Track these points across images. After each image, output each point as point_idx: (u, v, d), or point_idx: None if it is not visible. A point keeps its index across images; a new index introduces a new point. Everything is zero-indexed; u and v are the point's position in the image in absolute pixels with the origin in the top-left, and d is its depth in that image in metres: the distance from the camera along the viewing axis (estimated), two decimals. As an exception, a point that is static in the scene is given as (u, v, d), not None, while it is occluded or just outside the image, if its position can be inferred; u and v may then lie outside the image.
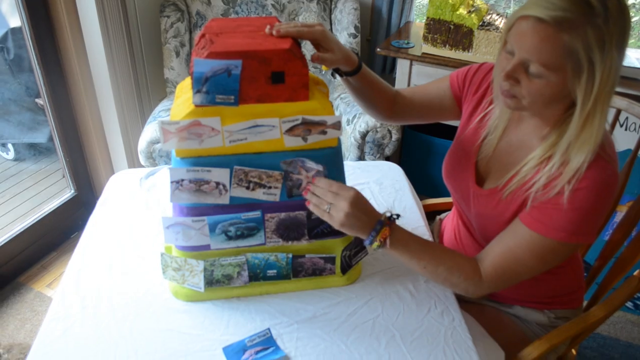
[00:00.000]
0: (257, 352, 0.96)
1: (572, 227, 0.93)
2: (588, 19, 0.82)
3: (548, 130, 0.98)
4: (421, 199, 1.48)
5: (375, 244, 0.96)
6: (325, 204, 0.95)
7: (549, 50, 0.84)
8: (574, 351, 1.31)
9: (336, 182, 0.97)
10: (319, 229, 1.04)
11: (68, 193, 2.43)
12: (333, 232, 1.05)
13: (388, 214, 0.98)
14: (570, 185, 0.91)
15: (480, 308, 1.20)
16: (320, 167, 0.98)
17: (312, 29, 0.99)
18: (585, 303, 1.30)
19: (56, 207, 2.35)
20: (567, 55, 0.84)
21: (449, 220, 1.35)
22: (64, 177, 2.46)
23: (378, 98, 1.19)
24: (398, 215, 0.99)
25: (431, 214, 1.47)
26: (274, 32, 0.94)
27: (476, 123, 1.13)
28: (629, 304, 2.08)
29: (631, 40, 3.06)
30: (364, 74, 1.12)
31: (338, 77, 1.14)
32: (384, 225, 0.96)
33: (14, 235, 2.18)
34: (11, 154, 3.11)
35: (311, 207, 0.97)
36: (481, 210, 1.08)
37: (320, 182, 0.97)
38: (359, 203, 0.95)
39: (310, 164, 0.98)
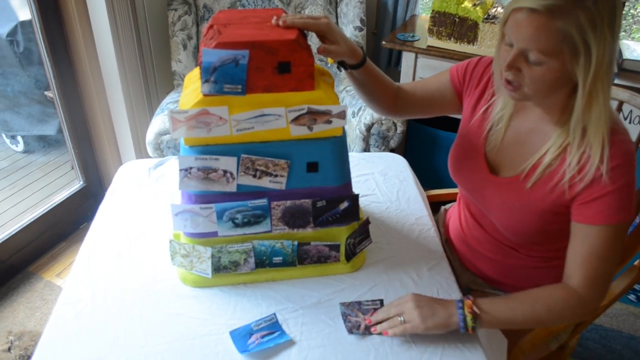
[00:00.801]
0: (263, 336, 0.99)
1: (626, 204, 0.96)
2: (578, 3, 0.85)
3: (558, 117, 1.00)
4: (426, 191, 1.50)
5: (469, 317, 0.96)
6: (396, 318, 0.98)
7: (545, 38, 0.87)
8: (574, 341, 1.32)
9: (396, 301, 1.01)
10: (324, 217, 1.06)
11: (77, 184, 2.46)
12: (338, 220, 1.07)
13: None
14: (604, 165, 0.94)
15: (484, 296, 1.21)
16: (376, 305, 1.04)
17: (317, 21, 1.00)
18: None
19: (65, 198, 2.39)
20: (563, 40, 0.87)
21: (454, 212, 1.36)
22: (72, 168, 2.50)
23: (381, 92, 1.21)
24: (470, 289, 0.99)
25: (436, 205, 1.48)
26: (280, 23, 0.96)
27: (480, 116, 1.14)
28: (632, 297, 2.09)
29: (638, 34, 3.05)
30: (368, 67, 1.14)
31: (343, 70, 1.15)
32: (463, 300, 0.98)
33: (24, 226, 2.22)
34: (21, 146, 3.15)
35: (390, 332, 0.98)
36: (504, 199, 1.09)
37: (381, 310, 1.01)
38: (421, 297, 1.00)
39: (367, 305, 1.04)
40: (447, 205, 1.48)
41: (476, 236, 1.23)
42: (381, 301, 1.05)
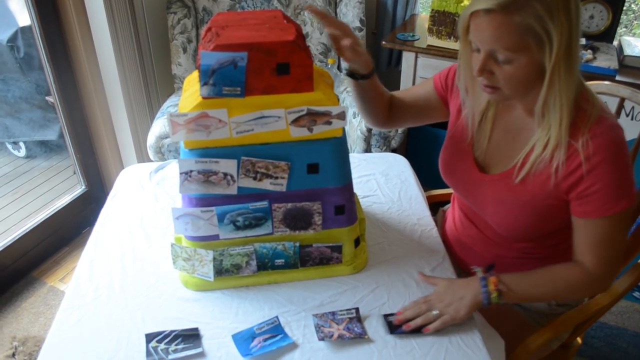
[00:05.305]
0: (265, 339, 0.98)
1: (623, 192, 0.96)
2: None
3: (540, 112, 1.00)
4: (427, 191, 1.49)
5: (494, 295, 1.00)
6: (429, 312, 1.00)
7: (507, 35, 0.89)
8: (579, 340, 1.32)
9: (422, 299, 1.03)
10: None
11: (79, 189, 2.47)
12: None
13: (478, 269, 1.05)
14: (591, 160, 0.94)
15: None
16: (351, 314, 1.02)
17: (343, 22, 1.04)
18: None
19: (67, 202, 2.39)
20: (526, 33, 0.88)
21: (450, 212, 1.37)
22: (74, 173, 2.50)
23: (380, 104, 1.23)
24: (492, 266, 1.04)
25: (434, 205, 1.48)
26: (308, 10, 1.00)
27: (464, 120, 1.16)
28: (637, 294, 2.09)
29: (639, 30, 3.04)
30: (374, 79, 1.16)
31: (344, 71, 1.16)
32: (486, 277, 1.02)
33: (27, 231, 2.22)
34: (22, 152, 3.16)
35: (431, 327, 0.99)
36: (496, 196, 1.10)
37: (408, 308, 1.02)
38: (446, 286, 1.04)
39: (342, 315, 1.02)
40: (445, 207, 1.48)
41: (471, 235, 1.23)
42: (356, 310, 1.03)
